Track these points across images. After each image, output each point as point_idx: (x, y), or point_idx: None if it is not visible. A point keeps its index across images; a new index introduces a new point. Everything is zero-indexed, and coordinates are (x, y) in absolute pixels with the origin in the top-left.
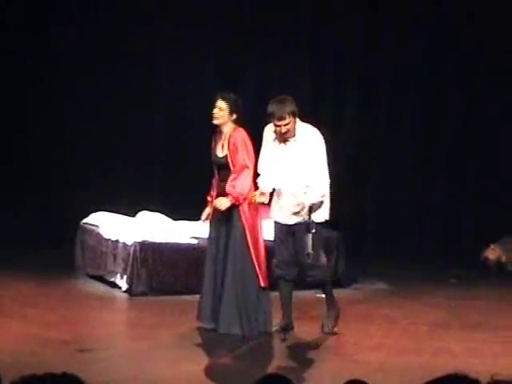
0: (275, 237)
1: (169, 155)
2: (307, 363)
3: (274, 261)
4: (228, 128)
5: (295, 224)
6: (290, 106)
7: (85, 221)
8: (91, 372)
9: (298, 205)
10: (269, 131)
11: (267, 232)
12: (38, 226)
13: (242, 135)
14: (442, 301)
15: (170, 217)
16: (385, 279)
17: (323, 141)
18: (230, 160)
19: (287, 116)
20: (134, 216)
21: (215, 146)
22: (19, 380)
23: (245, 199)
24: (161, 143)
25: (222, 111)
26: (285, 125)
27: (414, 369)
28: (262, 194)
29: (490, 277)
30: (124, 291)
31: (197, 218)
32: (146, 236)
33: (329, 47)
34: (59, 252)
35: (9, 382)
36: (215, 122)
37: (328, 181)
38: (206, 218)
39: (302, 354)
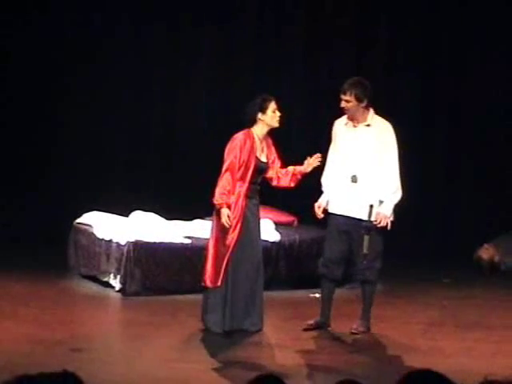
0: (328, 233)
1: (162, 155)
2: (301, 362)
3: (321, 259)
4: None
5: (354, 222)
6: (358, 89)
7: (78, 221)
8: (84, 371)
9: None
10: (337, 124)
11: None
12: (31, 225)
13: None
14: (436, 300)
15: (164, 217)
16: (379, 279)
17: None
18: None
19: (349, 93)
20: (127, 216)
21: (255, 150)
22: (13, 380)
23: None
24: (154, 143)
25: None
26: (345, 100)
27: (408, 368)
28: (319, 207)
29: (483, 276)
30: (117, 291)
31: (190, 217)
32: (139, 236)
33: (326, 48)
34: (52, 252)
35: (2, 382)
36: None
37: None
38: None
39: (296, 352)
